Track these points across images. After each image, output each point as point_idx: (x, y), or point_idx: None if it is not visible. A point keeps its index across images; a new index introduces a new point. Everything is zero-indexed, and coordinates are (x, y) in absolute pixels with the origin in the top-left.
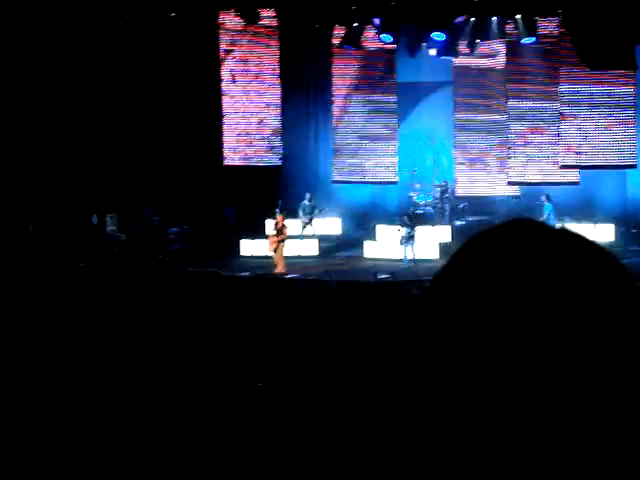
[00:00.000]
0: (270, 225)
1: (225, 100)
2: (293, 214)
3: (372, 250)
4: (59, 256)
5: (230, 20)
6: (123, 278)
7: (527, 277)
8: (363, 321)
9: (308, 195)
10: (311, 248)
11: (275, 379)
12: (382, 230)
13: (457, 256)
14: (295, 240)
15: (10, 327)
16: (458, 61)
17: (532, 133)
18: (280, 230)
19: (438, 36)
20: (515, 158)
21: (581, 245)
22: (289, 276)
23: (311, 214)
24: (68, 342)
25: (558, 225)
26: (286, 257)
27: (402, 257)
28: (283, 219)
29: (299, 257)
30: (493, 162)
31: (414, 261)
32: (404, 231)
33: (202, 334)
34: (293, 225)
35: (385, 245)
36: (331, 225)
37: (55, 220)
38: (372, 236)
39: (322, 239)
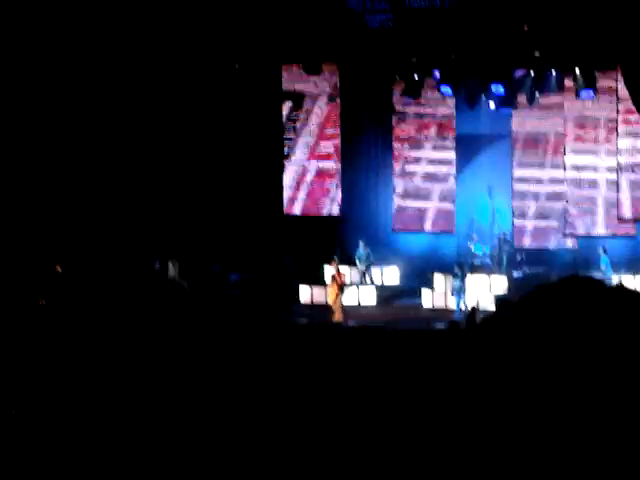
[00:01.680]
0: (328, 273)
1: (286, 150)
2: (351, 263)
3: (430, 299)
4: (119, 300)
5: (292, 72)
6: (183, 323)
7: (579, 334)
8: (416, 368)
9: (362, 243)
10: (369, 297)
11: (328, 423)
12: (439, 279)
13: (516, 308)
14: (353, 288)
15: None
16: (517, 113)
17: (590, 186)
18: (338, 278)
19: (497, 88)
20: (573, 210)
21: (636, 302)
22: (347, 324)
23: (367, 262)
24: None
25: (615, 278)
26: (344, 305)
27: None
28: (340, 267)
29: (357, 306)
30: (551, 214)
31: (465, 312)
32: (455, 282)
33: (258, 379)
34: (351, 273)
35: (442, 294)
36: (389, 274)
37: (119, 264)
38: (430, 285)
39: (380, 288)
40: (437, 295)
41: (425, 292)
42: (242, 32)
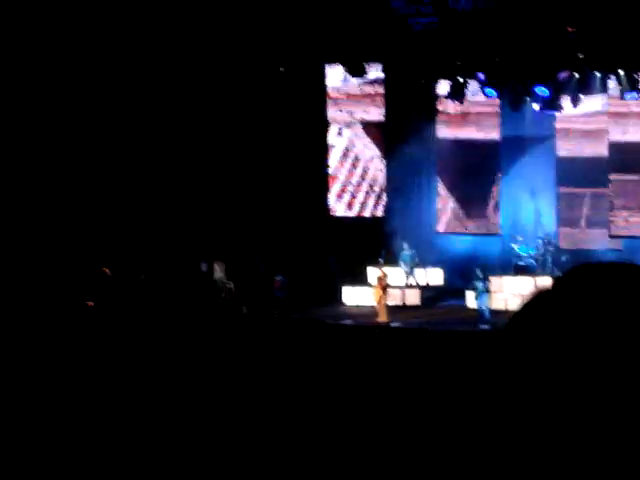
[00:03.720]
0: (373, 274)
1: (331, 152)
2: (396, 264)
3: (473, 300)
4: (166, 301)
5: (337, 73)
6: (230, 325)
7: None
8: (460, 369)
9: (406, 245)
10: (414, 298)
11: (373, 422)
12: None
13: (555, 287)
14: (398, 289)
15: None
16: (561, 115)
17: (634, 185)
18: (383, 280)
19: (541, 91)
20: (617, 211)
21: None
22: (391, 325)
23: (411, 263)
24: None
25: None
26: (389, 306)
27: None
28: (384, 269)
29: (402, 307)
30: (595, 215)
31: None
32: (478, 284)
33: (302, 381)
34: (396, 275)
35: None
36: (433, 275)
37: (166, 266)
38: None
39: (425, 289)
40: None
41: (469, 293)
42: (288, 35)
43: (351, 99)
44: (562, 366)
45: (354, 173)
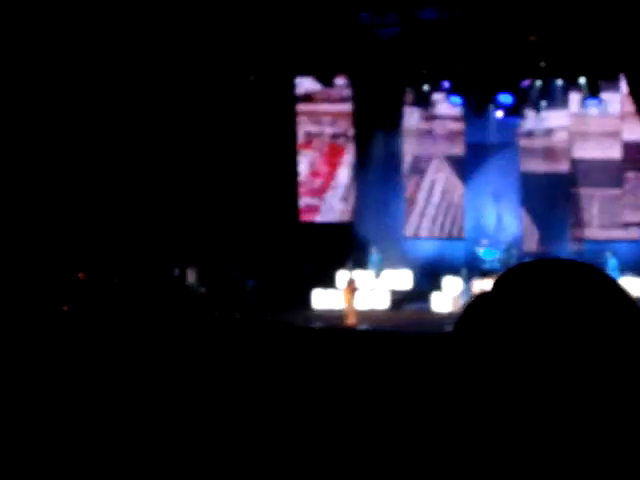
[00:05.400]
0: (342, 278)
1: (300, 159)
2: (364, 267)
3: (439, 303)
4: (139, 305)
5: (306, 83)
6: (201, 328)
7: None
8: (428, 371)
9: (374, 248)
10: (382, 301)
11: (338, 424)
12: (448, 283)
13: (495, 287)
14: (366, 292)
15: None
16: (524, 122)
17: (595, 190)
18: (352, 283)
19: (504, 98)
20: (579, 214)
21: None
22: (360, 328)
23: (379, 267)
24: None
25: (622, 280)
26: (357, 310)
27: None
28: (353, 272)
29: (371, 310)
30: (558, 219)
31: None
32: (463, 284)
33: (270, 382)
34: (365, 278)
35: (452, 297)
36: (402, 278)
37: (139, 271)
38: (438, 288)
39: (394, 292)
40: (446, 298)
41: (435, 296)
42: (257, 45)
43: (319, 112)
44: (501, 365)
45: (323, 179)
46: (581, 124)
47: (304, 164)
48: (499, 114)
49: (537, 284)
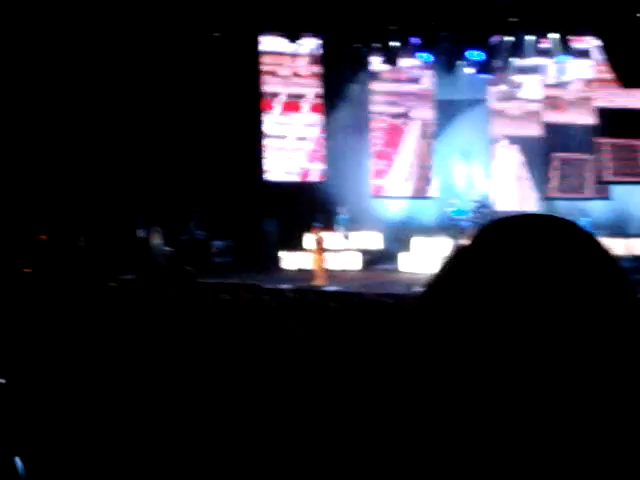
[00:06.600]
0: (310, 239)
1: (267, 118)
2: (333, 228)
3: (408, 263)
4: (106, 270)
5: (272, 41)
6: (167, 290)
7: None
8: (392, 331)
9: (343, 209)
10: (354, 261)
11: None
12: (417, 243)
13: (466, 249)
14: (336, 253)
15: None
16: (494, 78)
17: (567, 149)
18: (320, 243)
19: (474, 55)
20: (550, 173)
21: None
22: (328, 288)
23: (348, 227)
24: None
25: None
26: (329, 270)
27: None
28: (322, 233)
29: (342, 270)
30: (529, 177)
31: None
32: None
33: (243, 345)
34: (334, 239)
35: (421, 258)
36: (372, 238)
37: (102, 234)
38: (408, 249)
39: (364, 252)
40: (415, 259)
41: (403, 256)
42: (222, 1)
43: (287, 72)
44: (480, 323)
45: (290, 139)
46: (553, 89)
47: (270, 123)
48: (469, 70)
49: (519, 238)
